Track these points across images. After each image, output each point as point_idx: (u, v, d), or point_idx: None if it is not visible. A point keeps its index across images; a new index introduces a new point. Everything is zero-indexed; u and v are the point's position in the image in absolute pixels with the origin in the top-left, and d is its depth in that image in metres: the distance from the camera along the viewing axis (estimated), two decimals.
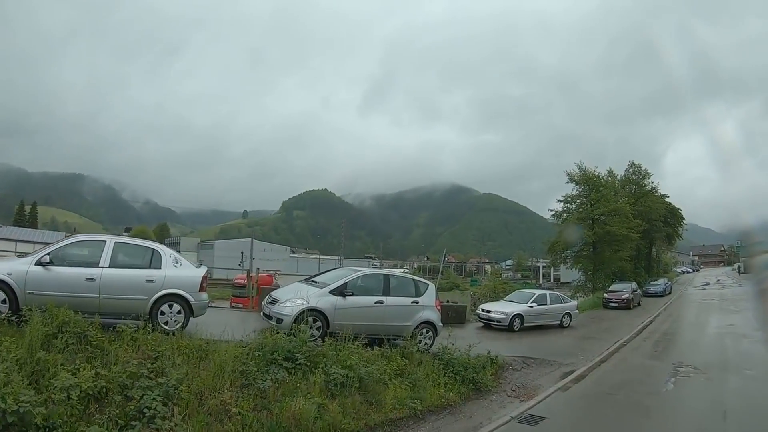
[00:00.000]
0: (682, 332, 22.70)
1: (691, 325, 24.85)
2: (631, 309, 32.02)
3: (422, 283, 14.32)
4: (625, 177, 49.50)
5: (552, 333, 21.74)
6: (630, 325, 24.78)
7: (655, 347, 19.02)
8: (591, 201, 41.02)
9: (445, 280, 72.31)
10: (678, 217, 55.07)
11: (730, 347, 18.47)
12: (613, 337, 20.57)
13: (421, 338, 13.23)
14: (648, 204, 46.86)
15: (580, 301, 35.70)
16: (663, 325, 25.38)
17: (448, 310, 21.57)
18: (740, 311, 29.88)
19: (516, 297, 23.85)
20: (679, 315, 29.54)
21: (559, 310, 23.21)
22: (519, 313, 21.59)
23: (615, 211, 40.09)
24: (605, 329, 23.48)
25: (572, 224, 41.49)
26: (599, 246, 40.78)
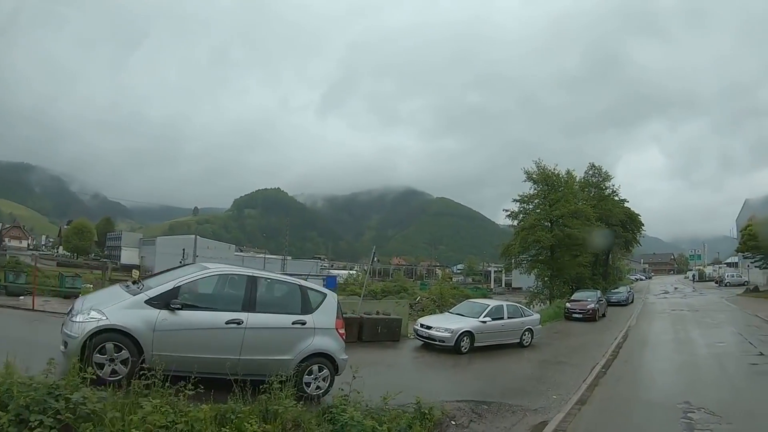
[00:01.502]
0: (668, 353, 18.99)
1: (673, 342, 21.23)
2: (596, 321, 28.80)
3: (315, 291, 9.71)
4: (585, 179, 47.79)
5: (510, 355, 17.69)
6: (602, 342, 21.08)
7: (644, 376, 15.02)
8: (550, 201, 37.92)
9: (393, 283, 70.38)
10: (637, 223, 53.97)
11: (735, 376, 14.75)
12: (586, 361, 16.66)
13: (311, 380, 8.84)
14: (608, 208, 45.41)
15: (539, 311, 32.25)
16: (640, 342, 21.67)
17: (377, 324, 18.19)
18: (719, 325, 26.98)
19: (465, 309, 19.62)
20: (654, 329, 26.15)
21: (518, 326, 19.19)
22: (468, 330, 17.40)
23: (575, 213, 37.53)
24: (574, 349, 19.64)
25: (529, 225, 38.06)
26: (558, 250, 37.68)
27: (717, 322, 27.71)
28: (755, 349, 18.78)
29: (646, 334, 24.11)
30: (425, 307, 38.60)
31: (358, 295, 56.54)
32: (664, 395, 12.26)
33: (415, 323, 18.99)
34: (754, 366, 15.77)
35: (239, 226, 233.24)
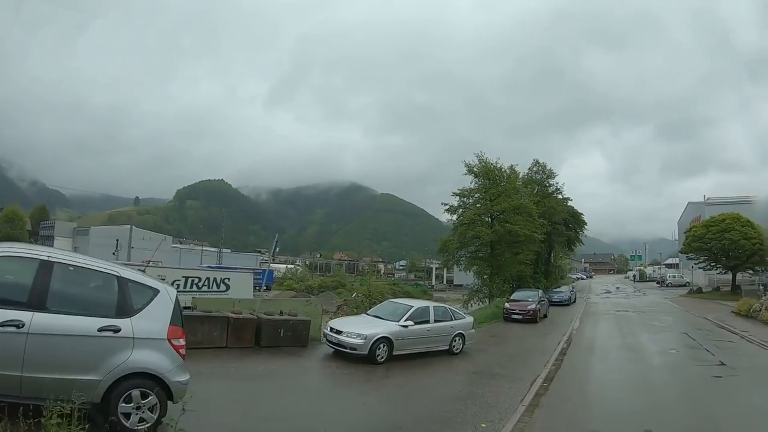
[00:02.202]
0: (618, 362, 16.89)
1: (622, 349, 19.22)
2: (538, 322, 26.80)
3: (141, 286, 6.89)
4: (528, 176, 47.02)
5: (437, 365, 15.05)
6: (543, 348, 18.92)
7: (593, 394, 12.66)
8: (491, 196, 36.18)
9: (331, 278, 69.48)
10: (580, 221, 54.40)
11: (700, 393, 12.76)
12: (525, 373, 14.31)
13: (131, 410, 6.29)
14: (551, 205, 45.07)
15: (477, 311, 30.29)
16: (586, 348, 19.56)
17: (279, 326, 15.68)
18: (668, 328, 25.64)
19: (384, 311, 16.87)
20: (599, 332, 24.26)
21: (447, 331, 16.61)
22: (385, 337, 14.70)
23: (517, 209, 36.12)
24: (512, 357, 17.28)
25: (469, 220, 36.17)
26: (498, 247, 35.96)
27: (665, 325, 26.32)
28: (713, 357, 17.09)
29: (591, 338, 22.14)
30: (359, 305, 36.29)
31: (295, 290, 54.09)
32: (619, 422, 9.92)
33: (326, 326, 16.15)
34: (718, 380, 13.82)
35: (181, 218, 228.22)
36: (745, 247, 42.87)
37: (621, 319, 29.29)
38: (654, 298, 47.30)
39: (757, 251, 42.59)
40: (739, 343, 20.24)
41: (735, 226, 43.87)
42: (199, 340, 13.58)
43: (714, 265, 47.62)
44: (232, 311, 15.72)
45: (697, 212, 64.18)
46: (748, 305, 27.77)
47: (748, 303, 28.25)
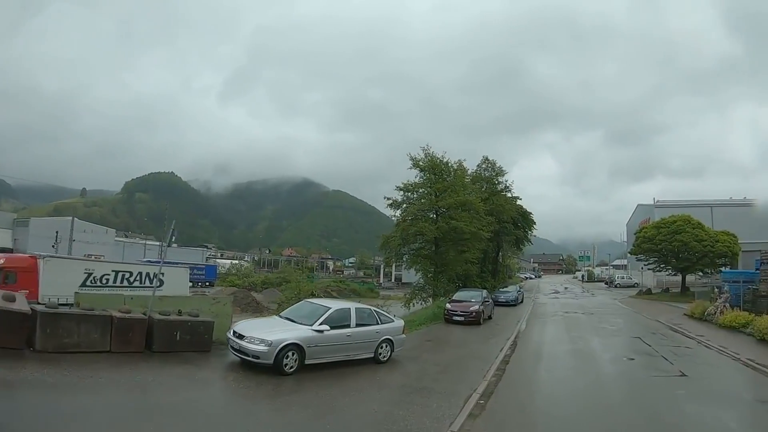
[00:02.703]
0: (569, 373, 15.00)
1: (572, 357, 17.40)
2: (481, 325, 24.87)
3: None
4: (477, 173, 46.23)
5: (357, 377, 12.86)
6: (484, 355, 16.94)
7: (540, 416, 10.63)
8: (436, 191, 34.28)
9: (277, 275, 66.36)
10: (529, 221, 53.93)
11: (667, 417, 10.64)
12: (460, 386, 12.35)
13: None
14: (500, 203, 44.11)
15: (418, 312, 28.90)
16: (532, 355, 17.66)
17: (174, 328, 13.53)
18: (620, 331, 24.18)
19: (297, 312, 14.55)
20: (547, 336, 22.48)
21: (371, 336, 14.40)
22: (295, 343, 12.45)
23: (463, 205, 34.44)
24: (448, 366, 15.13)
25: (412, 216, 34.41)
26: (443, 244, 34.34)
27: (617, 328, 24.87)
28: (672, 366, 15.44)
29: (538, 343, 20.27)
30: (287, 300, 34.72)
31: (237, 286, 51.39)
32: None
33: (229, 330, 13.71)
34: (681, 395, 11.99)
35: (129, 211, 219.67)
36: (696, 249, 42.49)
37: (570, 321, 27.76)
38: (603, 299, 46.51)
39: (708, 253, 42.17)
40: (697, 350, 18.76)
41: (686, 228, 43.60)
42: (76, 342, 11.96)
43: (664, 267, 47.14)
44: (120, 309, 13.29)
45: (647, 214, 64.43)
46: (702, 308, 26.61)
47: (701, 306, 27.09)
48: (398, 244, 35.23)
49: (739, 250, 43.38)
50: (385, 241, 36.44)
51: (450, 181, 35.07)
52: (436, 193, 34.47)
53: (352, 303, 16.29)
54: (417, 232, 33.53)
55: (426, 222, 33.58)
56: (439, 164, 35.10)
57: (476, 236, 34.41)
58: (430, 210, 34.81)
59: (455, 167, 36.42)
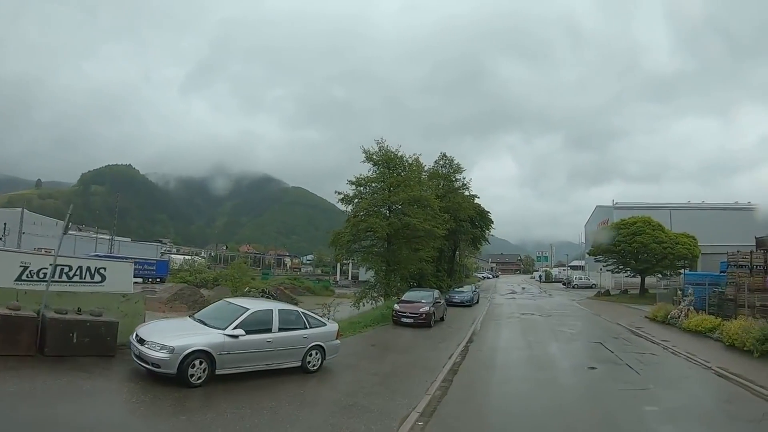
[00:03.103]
0: (526, 386, 13.25)
1: (529, 365, 15.78)
2: (432, 327, 23.15)
3: None
4: (434, 169, 44.79)
5: (279, 391, 10.87)
6: (431, 363, 15.10)
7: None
8: (389, 185, 32.28)
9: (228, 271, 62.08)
10: (486, 220, 53.04)
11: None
12: (398, 402, 10.58)
13: None
14: (457, 201, 42.88)
15: (367, 313, 27.01)
16: (484, 363, 15.88)
17: (72, 329, 11.60)
18: (580, 335, 22.74)
19: (211, 314, 12.53)
20: (502, 341, 20.80)
21: (298, 342, 12.49)
22: (203, 350, 10.51)
23: (418, 201, 32.84)
24: (388, 376, 13.26)
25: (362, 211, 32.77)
26: (395, 241, 32.58)
27: (576, 332, 23.45)
28: (639, 377, 13.96)
29: (492, 348, 18.55)
30: None
31: (188, 283, 49.08)
32: None
33: None
34: (650, 413, 10.38)
35: (85, 203, 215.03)
36: (656, 251, 41.84)
37: (526, 324, 26.28)
38: (561, 300, 45.62)
39: (668, 255, 41.55)
40: (664, 357, 17.34)
41: (646, 229, 43.07)
42: None
43: (623, 268, 46.40)
44: (8, 306, 11.29)
45: (605, 216, 64.19)
46: (665, 311, 25.43)
47: (664, 308, 25.95)
48: (348, 241, 33.26)
49: (699, 252, 43.08)
50: (335, 237, 34.40)
51: (404, 175, 33.32)
52: (389, 187, 32.68)
53: (276, 304, 14.27)
54: (367, 229, 31.66)
55: (377, 218, 31.71)
56: (393, 158, 33.29)
57: (430, 234, 32.85)
58: (382, 205, 32.98)
59: (410, 162, 34.68)
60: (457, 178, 46.12)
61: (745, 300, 20.42)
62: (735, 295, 21.92)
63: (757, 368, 14.92)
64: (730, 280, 22.92)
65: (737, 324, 18.12)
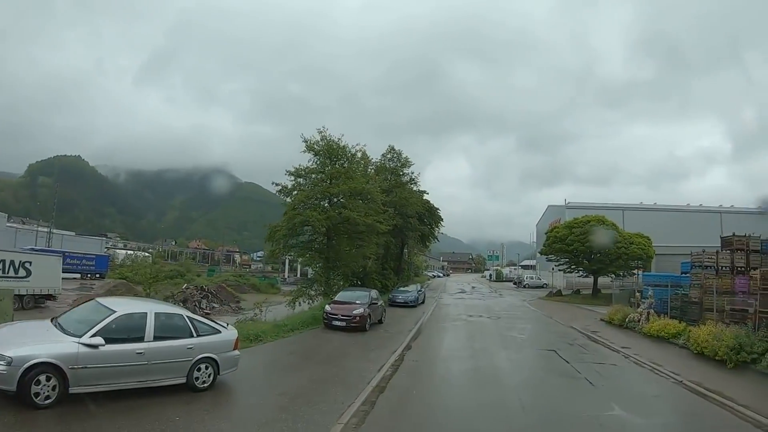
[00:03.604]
0: (464, 411, 10.58)
1: (471, 380, 13.44)
2: (367, 331, 20.65)
3: None
4: (381, 163, 42.49)
5: (147, 421, 8.27)
6: (355, 379, 12.49)
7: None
8: (329, 176, 29.85)
9: (170, 267, 61.76)
10: (435, 217, 50.97)
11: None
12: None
13: None
14: (404, 196, 40.58)
15: (299, 314, 24.23)
16: (419, 378, 13.27)
17: None
18: (531, 341, 20.58)
19: (73, 318, 9.97)
20: (444, 349, 18.36)
21: (180, 354, 10.02)
22: (50, 362, 8.02)
23: (360, 194, 30.54)
24: (297, 397, 10.50)
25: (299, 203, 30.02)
26: (335, 236, 30.13)
27: (527, 337, 21.31)
28: (602, 395, 11.74)
29: (431, 359, 16.09)
30: (188, 298, 32.59)
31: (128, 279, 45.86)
32: None
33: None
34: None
35: (31, 195, 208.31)
36: (610, 251, 40.28)
37: (473, 328, 23.97)
38: (512, 300, 43.80)
39: (622, 255, 40.11)
40: (627, 368, 15.15)
41: (600, 228, 41.10)
42: None
43: (575, 268, 44.87)
44: None
45: (557, 215, 63.13)
46: (623, 314, 23.48)
47: (621, 311, 23.99)
48: (284, 235, 30.42)
49: (653, 253, 41.93)
50: (271, 232, 31.49)
51: (347, 166, 30.73)
52: (330, 179, 30.04)
53: (155, 304, 11.42)
54: (304, 222, 28.90)
55: (314, 210, 28.98)
56: (335, 148, 30.61)
57: (372, 229, 30.23)
58: (322, 198, 30.31)
59: (353, 152, 32.04)
60: (405, 172, 43.94)
61: (714, 303, 18.43)
62: (701, 297, 20.01)
63: (734, 382, 13.01)
64: (695, 281, 21.01)
65: (706, 330, 16.12)
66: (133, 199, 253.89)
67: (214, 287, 42.51)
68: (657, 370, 14.44)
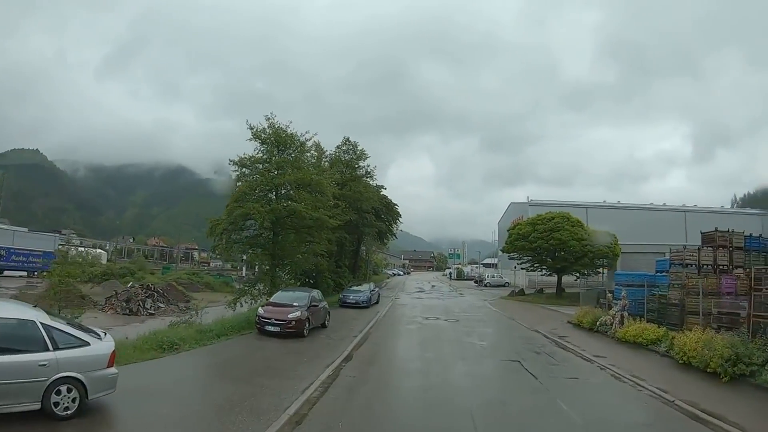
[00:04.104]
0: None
1: (418, 404, 10.85)
2: (305, 337, 17.98)
3: None
4: (336, 155, 40.47)
5: None
6: (267, 404, 9.76)
7: None
8: (276, 165, 27.35)
9: (120, 265, 60.33)
10: (394, 213, 49.06)
11: None
12: None
13: None
14: (358, 189, 38.40)
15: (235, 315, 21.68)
16: (353, 403, 10.63)
17: None
18: (492, 350, 18.10)
19: None
20: (391, 361, 15.89)
21: (29, 372, 7.60)
22: None
23: (308, 185, 27.78)
24: (188, 428, 8.14)
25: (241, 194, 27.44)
26: (282, 231, 27.58)
27: (489, 345, 18.87)
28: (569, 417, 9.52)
29: (373, 374, 13.44)
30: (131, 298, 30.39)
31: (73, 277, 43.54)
32: None
33: None
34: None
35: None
36: (575, 249, 38.33)
37: (429, 332, 21.50)
38: (472, 300, 41.57)
39: (587, 253, 38.18)
40: (606, 385, 12.86)
41: (565, 225, 39.65)
42: None
43: (538, 266, 42.94)
44: None
45: (520, 213, 61.27)
46: (592, 316, 21.23)
47: (591, 313, 21.71)
48: (224, 230, 27.54)
49: (619, 251, 40.39)
50: (212, 226, 28.51)
51: (294, 155, 28.03)
52: (277, 169, 27.29)
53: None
54: (245, 215, 26.11)
55: (256, 203, 26.18)
56: (284, 136, 27.83)
57: (322, 223, 27.71)
58: (269, 189, 27.58)
59: (303, 140, 29.27)
60: (361, 165, 41.74)
61: (700, 306, 16.19)
62: (682, 299, 17.77)
63: (735, 402, 10.81)
64: (675, 281, 18.78)
65: (693, 337, 13.87)
66: (92, 195, 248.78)
67: (162, 286, 39.97)
68: (641, 386, 12.11)
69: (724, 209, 75.95)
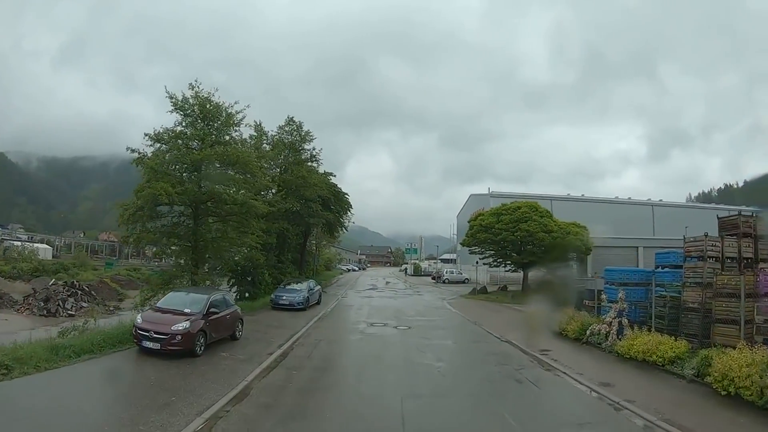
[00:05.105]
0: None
1: None
2: (199, 356, 13.11)
3: None
4: (279, 137, 35.99)
5: None
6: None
7: None
8: (199, 137, 22.82)
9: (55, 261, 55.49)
10: (344, 203, 44.26)
11: None
12: None
13: None
14: (302, 175, 34.11)
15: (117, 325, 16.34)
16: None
17: None
18: (453, 377, 13.48)
19: None
20: (301, 400, 10.33)
21: None
22: None
23: (234, 162, 23.18)
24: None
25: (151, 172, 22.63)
26: (204, 218, 23.46)
27: (449, 367, 14.09)
28: None
29: (269, 428, 8.44)
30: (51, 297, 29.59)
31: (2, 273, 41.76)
32: None
33: None
34: None
35: None
36: (545, 241, 34.28)
37: (371, 347, 16.68)
38: (429, 299, 37.00)
39: (558, 246, 34.05)
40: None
41: (533, 216, 35.86)
42: None
43: (502, 261, 38.97)
44: None
45: (481, 205, 57.49)
46: (581, 324, 16.69)
47: (579, 321, 17.14)
48: (131, 215, 22.32)
49: (592, 244, 36.70)
50: (122, 213, 23.19)
51: (220, 127, 23.22)
52: (198, 143, 22.35)
53: None
54: (152, 197, 21.04)
55: (167, 183, 21.10)
56: (210, 108, 22.80)
57: (249, 209, 23.08)
58: (190, 169, 22.60)
59: (232, 112, 24.26)
60: (306, 148, 37.05)
61: (741, 312, 11.76)
62: (702, 302, 13.42)
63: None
64: (691, 279, 14.39)
65: (743, 357, 9.54)
66: (45, 189, 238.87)
67: (90, 283, 37.51)
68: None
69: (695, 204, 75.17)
